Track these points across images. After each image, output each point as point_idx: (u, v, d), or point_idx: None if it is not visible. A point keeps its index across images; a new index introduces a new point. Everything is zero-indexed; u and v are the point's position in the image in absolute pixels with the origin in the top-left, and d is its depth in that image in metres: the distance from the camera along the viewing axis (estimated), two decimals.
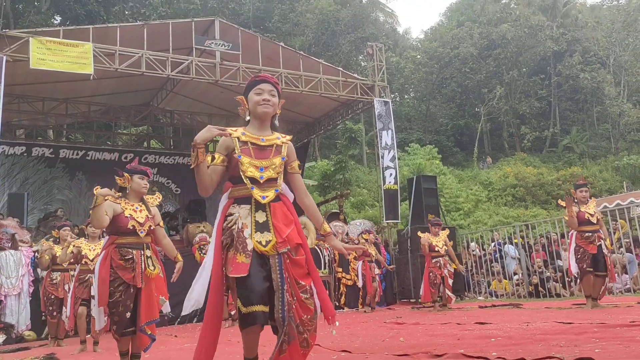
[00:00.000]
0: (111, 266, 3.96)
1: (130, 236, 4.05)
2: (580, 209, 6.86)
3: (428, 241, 8.78)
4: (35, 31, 10.55)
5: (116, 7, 24.68)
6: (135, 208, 4.14)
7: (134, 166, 4.27)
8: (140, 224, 4.09)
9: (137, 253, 4.04)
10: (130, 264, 3.99)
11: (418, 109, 36.57)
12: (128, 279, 3.94)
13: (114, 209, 4.05)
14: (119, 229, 4.04)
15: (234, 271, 2.54)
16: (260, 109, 2.77)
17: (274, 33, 27.94)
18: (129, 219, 4.05)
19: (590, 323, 4.70)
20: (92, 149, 15.30)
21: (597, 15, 35.38)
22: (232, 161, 2.72)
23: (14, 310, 8.38)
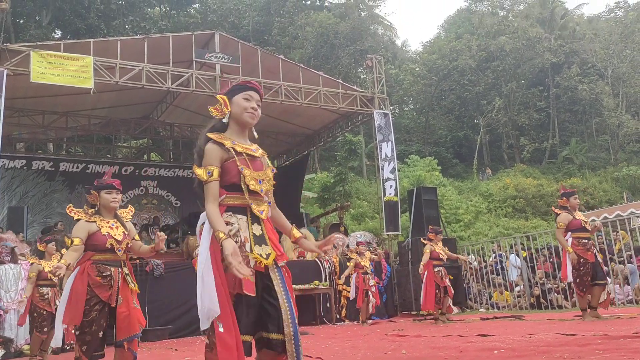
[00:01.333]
0: (88, 284, 3.80)
1: (108, 253, 3.93)
2: (574, 216, 6.80)
3: (430, 249, 8.66)
4: (36, 45, 10.61)
5: (117, 20, 24.86)
6: (111, 225, 4.02)
7: (100, 181, 4.14)
8: (118, 242, 3.97)
9: (115, 270, 3.92)
10: (108, 281, 3.86)
11: (417, 121, 36.67)
12: (105, 297, 3.81)
13: (89, 229, 3.94)
14: (95, 247, 3.92)
15: (247, 288, 2.41)
16: (246, 117, 2.68)
17: (273, 46, 28.09)
18: (107, 237, 3.93)
19: (593, 335, 4.67)
20: (92, 162, 15.29)
21: (594, 27, 35.62)
22: (226, 172, 2.60)
23: (13, 325, 8.32)
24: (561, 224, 6.76)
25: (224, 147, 2.62)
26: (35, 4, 23.22)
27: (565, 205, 6.93)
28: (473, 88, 32.45)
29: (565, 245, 6.68)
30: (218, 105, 2.72)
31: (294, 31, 30.77)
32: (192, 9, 30.92)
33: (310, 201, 23.68)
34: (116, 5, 25.12)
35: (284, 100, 12.35)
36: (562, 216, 6.82)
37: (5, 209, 13.00)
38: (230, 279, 2.45)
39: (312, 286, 10.16)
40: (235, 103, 2.69)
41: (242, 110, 2.68)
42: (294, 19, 31.09)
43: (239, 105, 2.68)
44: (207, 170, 2.57)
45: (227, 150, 2.62)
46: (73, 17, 23.26)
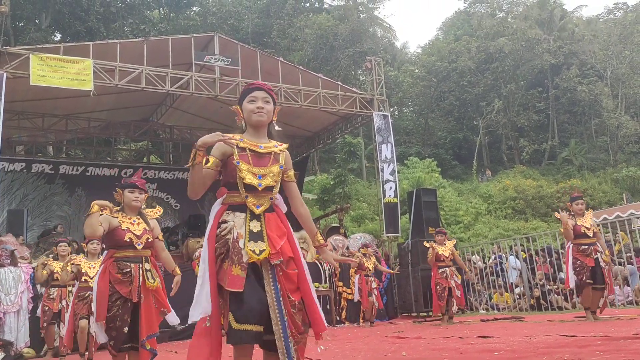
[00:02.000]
0: (110, 281, 3.94)
1: (128, 249, 4.03)
2: (576, 222, 6.84)
3: (435, 250, 8.62)
4: (35, 48, 10.61)
5: (116, 23, 24.88)
6: (132, 221, 4.12)
7: (126, 180, 4.26)
8: (138, 237, 4.06)
9: (135, 267, 4.00)
10: (128, 278, 3.96)
11: (417, 123, 36.70)
12: (125, 293, 3.91)
13: (110, 222, 4.03)
14: (116, 242, 4.03)
15: (230, 284, 2.48)
16: (254, 118, 2.74)
17: (272, 48, 28.12)
18: (125, 232, 4.03)
19: (593, 336, 4.67)
20: (91, 164, 15.29)
21: (593, 29, 35.64)
22: (228, 166, 2.67)
23: (12, 328, 8.31)
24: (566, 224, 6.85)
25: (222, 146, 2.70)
26: (34, 7, 23.24)
27: (569, 209, 7.01)
28: (472, 89, 32.47)
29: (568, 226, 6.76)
30: (236, 117, 2.85)
31: (293, 33, 30.80)
32: (191, 11, 30.97)
33: (309, 203, 23.67)
34: (115, 8, 25.14)
35: (283, 102, 12.35)
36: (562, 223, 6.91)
37: (5, 212, 13.00)
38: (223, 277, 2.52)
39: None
40: (244, 109, 2.79)
41: (250, 113, 2.76)
42: (293, 21, 31.13)
43: (246, 109, 2.78)
44: (206, 159, 2.66)
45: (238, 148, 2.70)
46: (72, 20, 23.28)
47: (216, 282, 2.54)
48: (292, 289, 2.60)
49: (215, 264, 2.58)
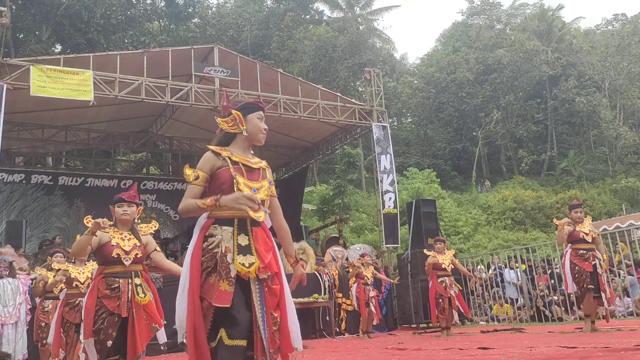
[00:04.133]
0: (97, 296, 3.93)
1: (117, 265, 4.00)
2: (575, 228, 6.84)
3: (434, 259, 8.45)
4: (35, 59, 10.66)
5: (116, 35, 25.00)
6: (123, 237, 4.09)
7: (116, 196, 4.24)
8: (126, 252, 4.02)
9: (123, 282, 3.98)
10: (116, 293, 3.93)
11: (416, 133, 36.77)
12: (112, 308, 3.88)
13: (101, 238, 4.02)
14: (104, 258, 4.01)
15: (218, 300, 2.45)
16: (260, 137, 2.78)
17: (272, 59, 28.23)
18: (114, 247, 4.00)
19: (594, 347, 4.65)
20: (91, 175, 15.29)
21: (591, 40, 35.87)
22: (217, 180, 2.65)
23: (10, 339, 8.26)
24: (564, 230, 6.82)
25: (219, 157, 2.69)
26: (35, 18, 23.35)
27: (568, 216, 7.00)
28: (471, 100, 32.57)
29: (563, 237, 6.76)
30: (230, 120, 2.76)
31: (293, 45, 30.94)
32: (191, 23, 31.11)
33: (309, 214, 23.65)
34: (116, 20, 25.27)
35: (282, 113, 12.40)
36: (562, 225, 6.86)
37: (4, 223, 12.98)
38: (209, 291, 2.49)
39: (312, 299, 10.13)
40: (250, 121, 2.77)
41: (258, 131, 2.77)
42: (292, 32, 31.29)
43: (254, 124, 2.77)
44: (195, 174, 2.66)
45: (223, 159, 2.68)
46: (73, 32, 23.38)
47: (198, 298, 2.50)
48: (274, 305, 2.60)
49: (200, 278, 2.54)
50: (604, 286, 6.67)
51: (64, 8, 22.89)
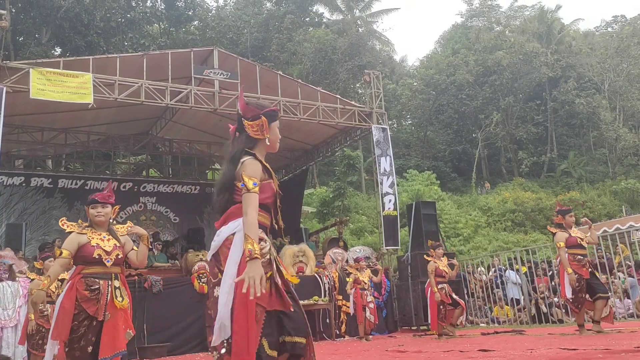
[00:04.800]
0: (77, 299, 3.81)
1: (97, 266, 3.92)
2: (570, 234, 6.82)
3: (434, 265, 8.38)
4: (35, 62, 10.66)
5: (116, 38, 25.02)
6: (102, 237, 4.03)
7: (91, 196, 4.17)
8: (107, 253, 3.95)
9: (104, 283, 3.90)
10: (96, 295, 3.85)
11: (416, 135, 36.77)
12: (92, 312, 3.79)
13: (79, 240, 3.96)
14: (85, 259, 3.93)
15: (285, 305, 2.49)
16: (277, 147, 2.80)
17: (272, 62, 28.25)
18: (95, 248, 3.93)
19: (594, 349, 4.64)
20: (90, 178, 15.27)
21: (590, 42, 35.89)
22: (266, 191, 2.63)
23: (10, 343, 8.25)
24: (561, 243, 6.75)
25: (264, 168, 2.67)
26: (35, 21, 23.37)
27: (561, 222, 6.94)
28: (471, 102, 32.59)
29: (567, 264, 6.65)
30: (256, 125, 2.71)
31: (293, 47, 30.97)
32: (191, 25, 31.14)
33: (309, 216, 23.65)
34: (116, 22, 25.30)
35: (282, 115, 12.38)
36: (559, 235, 6.84)
37: (4, 226, 12.96)
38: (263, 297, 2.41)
39: (312, 302, 10.11)
40: (273, 130, 2.76)
41: (277, 140, 2.78)
42: (292, 35, 31.31)
43: (275, 133, 2.77)
44: (253, 181, 2.53)
45: (267, 171, 2.68)
46: (73, 35, 23.40)
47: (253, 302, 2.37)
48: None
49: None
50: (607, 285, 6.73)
51: (64, 11, 22.91)
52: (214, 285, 2.56)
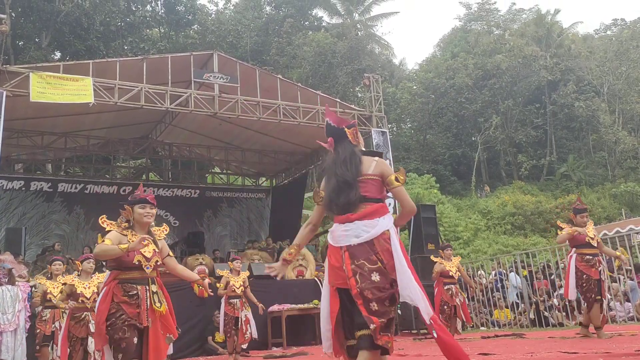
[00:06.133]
0: (113, 301, 3.66)
1: (135, 271, 3.75)
2: (579, 232, 6.62)
3: (441, 266, 8.25)
4: (35, 66, 10.66)
5: (116, 42, 25.07)
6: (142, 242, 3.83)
7: (134, 196, 3.98)
8: (147, 259, 3.78)
9: (142, 289, 3.72)
10: (135, 300, 3.67)
11: (415, 139, 36.79)
12: (132, 315, 3.62)
13: (120, 240, 3.75)
14: (122, 264, 3.73)
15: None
16: None
17: (271, 66, 28.30)
18: (135, 253, 3.75)
19: (595, 352, 4.64)
20: (90, 182, 15.29)
21: (589, 45, 35.96)
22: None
23: (9, 347, 8.23)
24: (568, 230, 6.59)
25: None
26: (35, 26, 23.41)
27: (572, 220, 6.80)
28: (470, 106, 32.62)
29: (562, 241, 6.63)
30: (354, 133, 3.19)
31: (292, 51, 31.01)
32: (190, 29, 31.19)
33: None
34: (115, 26, 25.34)
35: (282, 119, 12.41)
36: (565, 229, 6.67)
37: (4, 230, 12.96)
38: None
39: (312, 305, 10.10)
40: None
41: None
42: (291, 39, 31.36)
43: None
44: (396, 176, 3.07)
45: None
46: (72, 39, 23.45)
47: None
48: None
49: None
50: (605, 292, 6.55)
51: (64, 15, 22.96)
52: (372, 271, 2.86)
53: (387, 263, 2.88)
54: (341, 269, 2.92)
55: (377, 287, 2.82)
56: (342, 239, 2.95)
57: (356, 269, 2.87)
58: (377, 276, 2.84)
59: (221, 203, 16.98)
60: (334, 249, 2.99)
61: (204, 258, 11.21)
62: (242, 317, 7.74)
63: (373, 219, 2.94)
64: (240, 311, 7.75)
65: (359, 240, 2.91)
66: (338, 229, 3.00)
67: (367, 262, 2.86)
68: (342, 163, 3.03)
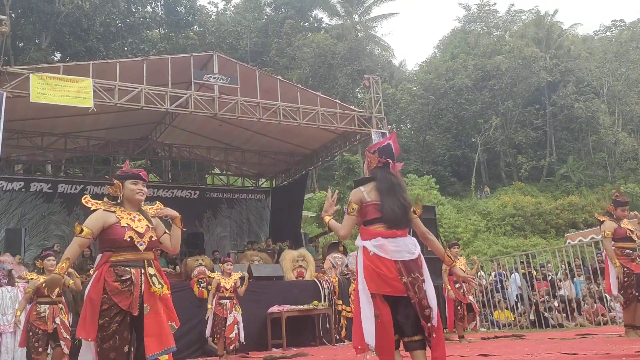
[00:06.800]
0: (104, 291, 3.30)
1: (128, 251, 3.40)
2: (619, 225, 6.35)
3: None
4: (35, 67, 10.66)
5: (116, 43, 25.08)
6: (132, 217, 3.50)
7: (125, 170, 3.66)
8: (140, 235, 3.44)
9: (136, 272, 3.38)
10: (128, 286, 3.33)
11: (415, 140, 36.81)
12: (124, 306, 3.29)
13: (106, 219, 3.42)
14: (114, 243, 3.39)
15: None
16: None
17: (271, 67, 28.32)
18: (125, 229, 3.40)
19: (595, 354, 4.64)
20: (90, 183, 15.27)
21: (589, 47, 35.98)
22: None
23: (9, 348, 8.23)
24: (607, 232, 6.29)
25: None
26: (35, 27, 23.43)
27: (612, 212, 6.52)
28: (470, 107, 32.63)
29: (613, 256, 6.22)
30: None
31: (292, 52, 31.03)
32: (190, 31, 31.22)
33: (308, 221, 23.64)
34: (115, 28, 25.35)
35: (282, 120, 12.40)
36: (607, 224, 6.40)
37: (3, 231, 12.95)
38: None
39: (312, 306, 10.10)
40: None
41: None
42: (291, 40, 31.39)
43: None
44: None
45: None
46: (72, 40, 23.45)
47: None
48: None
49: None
50: None
51: (64, 16, 22.97)
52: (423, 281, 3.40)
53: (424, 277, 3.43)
54: (397, 280, 3.33)
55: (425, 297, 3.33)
56: (396, 254, 3.39)
57: (413, 281, 3.33)
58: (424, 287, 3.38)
59: (221, 204, 16.97)
60: (387, 260, 3.37)
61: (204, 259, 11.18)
62: (230, 318, 7.76)
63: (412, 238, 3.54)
64: (229, 312, 7.78)
65: (412, 256, 3.41)
66: (389, 244, 3.40)
67: (420, 275, 3.39)
68: (401, 188, 3.62)
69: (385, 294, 3.31)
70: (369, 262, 3.39)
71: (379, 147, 3.68)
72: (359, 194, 3.61)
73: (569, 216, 25.56)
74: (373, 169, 3.68)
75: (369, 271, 3.38)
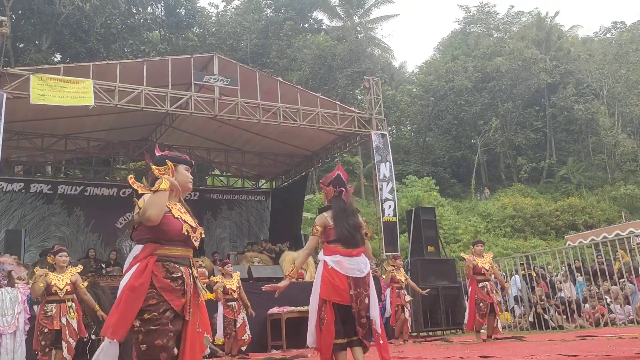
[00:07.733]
0: (152, 284, 2.78)
1: (178, 246, 2.92)
2: None
3: (473, 262, 7.95)
4: (35, 68, 10.66)
5: (116, 44, 25.09)
6: (179, 208, 3.03)
7: (176, 154, 3.14)
8: (194, 229, 3.00)
9: (185, 271, 2.92)
10: (180, 285, 2.84)
11: (415, 141, 36.83)
12: (177, 307, 2.80)
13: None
14: (165, 234, 2.87)
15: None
16: None
17: (271, 68, 28.31)
18: (180, 222, 2.93)
19: (595, 355, 4.64)
20: (90, 184, 15.26)
21: (589, 48, 36.01)
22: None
23: (9, 349, 8.22)
24: None
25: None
26: (35, 28, 23.44)
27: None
28: (470, 108, 32.65)
29: None
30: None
31: (292, 53, 31.05)
32: (190, 32, 31.24)
33: (309, 222, 23.59)
34: (116, 29, 25.36)
35: (282, 121, 12.42)
36: None
37: (3, 232, 12.93)
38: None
39: None
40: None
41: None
42: (291, 41, 31.41)
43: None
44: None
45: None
46: (73, 41, 23.46)
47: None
48: None
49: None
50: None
51: (64, 17, 22.98)
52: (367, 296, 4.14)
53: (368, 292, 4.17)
54: (346, 292, 4.06)
55: (365, 309, 4.11)
56: (350, 271, 4.11)
57: (358, 294, 4.07)
58: (365, 301, 4.12)
59: (221, 205, 16.97)
60: (341, 275, 4.10)
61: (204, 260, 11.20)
62: (240, 320, 7.79)
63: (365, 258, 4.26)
64: (238, 314, 7.81)
65: (361, 275, 4.15)
66: (345, 261, 4.14)
67: (364, 290, 4.14)
68: (351, 213, 4.34)
69: (334, 301, 4.06)
70: (327, 274, 4.14)
71: (331, 179, 4.40)
72: (323, 218, 4.34)
73: (569, 218, 25.57)
74: (330, 198, 4.40)
75: (325, 281, 4.13)
